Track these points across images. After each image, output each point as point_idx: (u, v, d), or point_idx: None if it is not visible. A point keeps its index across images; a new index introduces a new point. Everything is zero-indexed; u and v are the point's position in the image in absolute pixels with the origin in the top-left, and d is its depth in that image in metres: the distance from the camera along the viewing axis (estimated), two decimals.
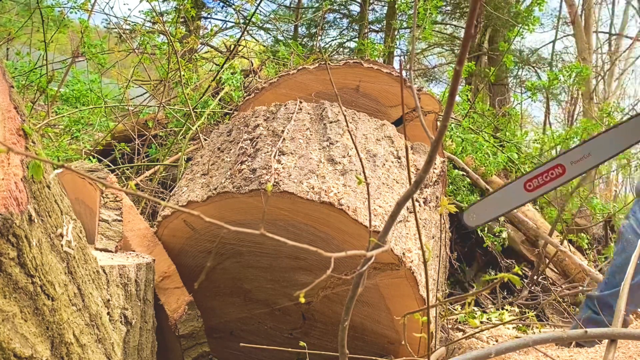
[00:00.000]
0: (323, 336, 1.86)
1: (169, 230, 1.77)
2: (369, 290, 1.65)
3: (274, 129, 1.79)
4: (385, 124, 2.00)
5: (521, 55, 10.04)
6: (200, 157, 1.96)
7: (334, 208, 1.48)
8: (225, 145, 1.88)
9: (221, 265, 1.78)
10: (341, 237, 1.57)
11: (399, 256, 1.53)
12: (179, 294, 1.66)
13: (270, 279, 1.77)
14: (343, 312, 0.91)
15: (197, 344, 1.66)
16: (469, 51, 2.72)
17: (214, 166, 1.79)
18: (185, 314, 1.63)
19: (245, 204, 1.58)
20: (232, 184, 1.58)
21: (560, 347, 2.17)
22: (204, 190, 1.66)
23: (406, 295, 1.61)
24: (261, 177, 1.56)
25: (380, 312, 1.70)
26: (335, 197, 1.50)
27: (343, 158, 1.68)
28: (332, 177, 1.59)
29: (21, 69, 4.29)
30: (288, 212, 1.56)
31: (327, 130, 1.79)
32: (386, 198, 1.64)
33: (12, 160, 0.87)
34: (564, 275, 3.69)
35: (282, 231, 1.60)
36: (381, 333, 1.74)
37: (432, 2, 4.66)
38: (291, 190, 1.50)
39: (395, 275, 1.58)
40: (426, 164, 0.63)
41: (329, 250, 1.59)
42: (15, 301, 0.85)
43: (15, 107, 0.94)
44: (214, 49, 7.53)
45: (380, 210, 1.59)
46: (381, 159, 1.79)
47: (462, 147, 4.10)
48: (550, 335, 1.10)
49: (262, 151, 1.69)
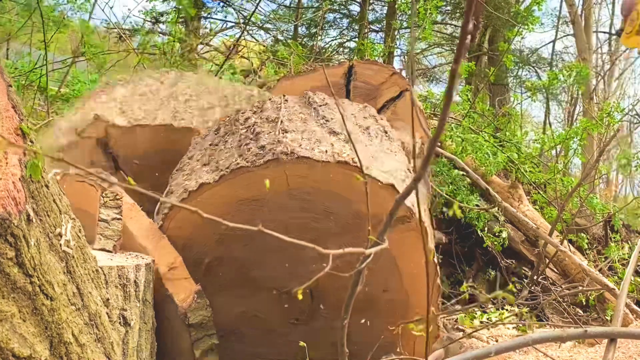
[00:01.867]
0: (330, 317, 1.86)
1: (175, 221, 1.77)
2: (380, 254, 1.68)
3: (268, 117, 1.84)
4: (367, 106, 2.11)
5: (521, 55, 10.03)
6: (188, 159, 1.97)
7: (349, 166, 1.58)
8: (217, 140, 1.89)
9: (230, 253, 1.79)
10: (357, 197, 1.64)
11: (410, 207, 1.61)
12: (187, 284, 1.67)
13: (280, 259, 1.79)
14: (342, 311, 0.91)
15: (206, 335, 1.66)
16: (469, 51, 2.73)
17: (214, 156, 1.80)
18: (194, 302, 1.64)
19: (259, 177, 1.62)
20: (245, 160, 1.63)
21: (560, 347, 2.17)
22: (214, 173, 1.69)
23: (415, 249, 1.68)
24: (273, 149, 1.61)
25: (390, 275, 1.76)
26: (348, 157, 1.60)
27: (343, 130, 1.78)
28: (338, 144, 1.68)
29: (21, 69, 4.29)
30: (305, 178, 1.63)
31: (319, 111, 1.88)
32: (387, 162, 1.75)
33: (10, 159, 0.87)
34: (564, 275, 3.69)
35: (296, 201, 1.66)
36: (390, 299, 1.78)
37: (432, 2, 4.66)
38: (307, 155, 1.58)
39: (405, 228, 1.66)
40: (424, 161, 0.63)
41: (346, 212, 1.68)
42: (13, 301, 0.84)
43: (13, 107, 0.94)
44: (214, 48, 7.53)
45: (385, 168, 1.69)
46: (374, 131, 1.92)
47: (462, 147, 4.10)
48: (550, 334, 1.10)
49: (264, 133, 1.73)
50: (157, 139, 2.29)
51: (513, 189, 4.15)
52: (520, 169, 4.38)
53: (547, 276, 3.61)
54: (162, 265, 1.66)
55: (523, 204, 4.10)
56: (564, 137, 4.67)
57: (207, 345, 1.66)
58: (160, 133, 2.28)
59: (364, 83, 2.95)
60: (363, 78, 2.95)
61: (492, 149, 4.19)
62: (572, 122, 9.63)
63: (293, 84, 2.96)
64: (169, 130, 2.29)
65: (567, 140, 4.63)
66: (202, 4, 8.04)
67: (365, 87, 2.95)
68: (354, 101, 2.96)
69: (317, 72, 2.99)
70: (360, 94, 2.96)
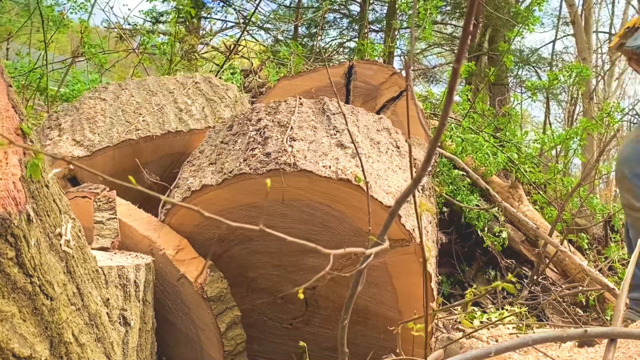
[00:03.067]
0: (324, 323, 1.87)
1: (177, 218, 1.78)
2: (376, 269, 1.69)
3: (279, 121, 1.82)
4: (382, 117, 2.08)
5: (521, 55, 10.04)
6: (199, 152, 1.97)
7: (351, 184, 1.54)
8: (228, 138, 1.89)
9: (228, 252, 1.79)
10: (356, 215, 1.62)
11: (410, 231, 1.58)
12: (197, 263, 1.68)
13: (277, 264, 1.79)
14: (342, 311, 0.91)
15: (227, 308, 1.66)
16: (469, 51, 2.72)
17: (221, 156, 1.80)
18: (208, 276, 1.65)
19: (261, 185, 1.61)
20: (248, 167, 1.62)
21: (560, 347, 2.17)
22: (218, 175, 1.69)
23: (414, 272, 1.66)
24: (277, 158, 1.60)
25: (385, 292, 1.74)
26: (351, 174, 1.57)
27: (351, 144, 1.74)
28: (344, 159, 1.65)
29: (21, 69, 4.29)
30: (304, 191, 1.60)
31: (331, 120, 1.85)
32: (393, 180, 1.72)
33: (10, 159, 0.87)
34: (564, 275, 3.69)
35: (296, 212, 1.65)
36: (384, 315, 1.77)
37: (432, 2, 4.66)
38: (310, 169, 1.55)
39: (404, 252, 1.63)
40: (425, 162, 0.63)
41: (343, 229, 1.66)
42: (13, 301, 0.84)
43: (13, 107, 0.94)
44: (214, 48, 7.53)
45: (391, 189, 1.65)
46: (384, 147, 1.88)
47: (462, 147, 4.10)
48: (550, 334, 1.10)
49: (272, 139, 1.72)
50: (123, 157, 2.22)
51: (513, 189, 4.15)
52: (520, 169, 4.38)
53: (547, 276, 3.61)
54: (169, 249, 1.67)
55: (523, 204, 4.10)
56: (564, 137, 4.67)
57: (231, 318, 1.67)
58: (125, 150, 2.21)
59: (364, 83, 2.96)
60: (363, 78, 2.96)
61: (492, 149, 4.19)
62: (572, 122, 9.63)
63: (293, 84, 2.97)
64: (131, 145, 2.22)
65: (567, 140, 4.63)
66: (202, 4, 8.04)
67: (366, 87, 2.96)
68: (354, 101, 2.97)
69: (317, 72, 2.99)
70: (360, 94, 2.96)
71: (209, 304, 1.62)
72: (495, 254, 3.73)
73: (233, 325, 1.68)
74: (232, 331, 1.67)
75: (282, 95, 2.90)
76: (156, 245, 1.67)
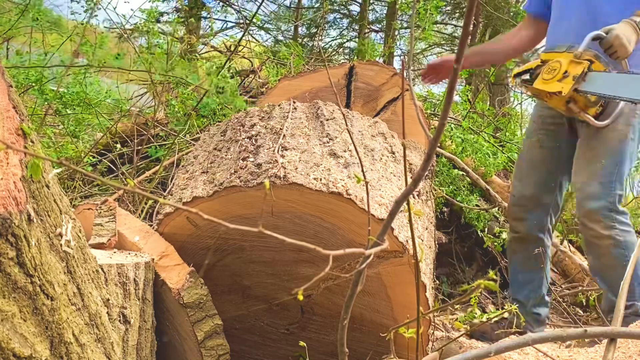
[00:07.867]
0: (320, 329, 1.86)
1: (170, 227, 1.78)
2: (370, 279, 1.69)
3: (272, 127, 1.81)
4: (377, 121, 2.06)
5: (521, 55, 10.02)
6: (194, 157, 1.96)
7: (342, 197, 1.53)
8: (221, 144, 1.88)
9: (222, 261, 1.78)
10: (348, 227, 1.60)
11: (403, 243, 1.57)
12: (180, 269, 1.64)
13: (272, 273, 1.78)
14: (342, 311, 0.91)
15: (207, 316, 1.59)
16: None
17: (214, 164, 1.80)
18: (187, 282, 1.58)
19: (252, 198, 1.60)
20: (238, 179, 1.60)
21: (560, 346, 2.17)
22: (209, 186, 1.68)
23: (408, 282, 1.65)
24: (268, 170, 1.59)
25: (380, 301, 1.73)
26: (342, 187, 1.55)
27: (344, 152, 1.72)
28: (336, 169, 1.63)
29: (20, 70, 4.28)
30: (295, 204, 1.59)
31: (324, 127, 1.83)
32: (387, 190, 1.70)
33: (10, 159, 0.87)
34: (564, 275, 3.69)
35: (288, 223, 1.63)
36: (379, 322, 1.77)
37: (432, 3, 4.66)
38: (300, 182, 1.53)
39: (398, 262, 1.62)
40: (424, 163, 0.63)
41: (335, 241, 1.64)
42: (14, 301, 0.85)
43: (14, 107, 0.94)
44: (214, 48, 7.53)
45: (384, 200, 1.63)
46: (378, 154, 1.85)
47: (462, 148, 4.10)
48: (550, 334, 1.10)
49: (264, 147, 1.71)
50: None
51: None
52: None
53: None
54: (153, 256, 1.66)
55: None
56: None
57: (210, 327, 1.59)
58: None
59: (365, 84, 2.96)
60: (364, 79, 2.96)
61: (492, 149, 4.19)
62: None
63: (293, 84, 2.97)
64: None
65: None
66: (202, 4, 8.04)
67: (366, 87, 2.95)
68: (354, 102, 2.97)
69: (317, 73, 2.99)
70: (361, 95, 2.96)
71: (186, 310, 1.55)
72: (495, 254, 3.73)
73: (214, 335, 1.59)
74: (212, 340, 1.59)
75: (283, 95, 2.90)
76: (142, 252, 1.66)
